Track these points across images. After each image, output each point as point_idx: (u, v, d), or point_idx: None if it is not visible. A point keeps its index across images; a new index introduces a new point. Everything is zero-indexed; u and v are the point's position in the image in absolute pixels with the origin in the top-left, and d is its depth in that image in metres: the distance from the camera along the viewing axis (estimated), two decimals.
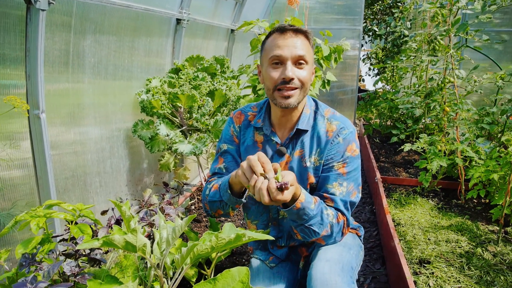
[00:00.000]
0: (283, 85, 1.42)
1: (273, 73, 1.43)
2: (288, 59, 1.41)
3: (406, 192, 3.39)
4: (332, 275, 1.34)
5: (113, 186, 2.47)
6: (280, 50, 1.41)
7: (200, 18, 3.40)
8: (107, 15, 2.18)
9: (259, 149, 1.61)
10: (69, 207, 1.49)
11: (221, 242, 1.16)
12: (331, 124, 1.54)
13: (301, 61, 1.43)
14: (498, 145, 3.11)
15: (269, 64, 1.45)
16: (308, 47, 1.46)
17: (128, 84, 2.57)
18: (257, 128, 1.62)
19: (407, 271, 2.05)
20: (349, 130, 1.53)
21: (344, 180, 1.51)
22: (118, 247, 1.01)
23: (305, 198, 1.36)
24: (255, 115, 1.66)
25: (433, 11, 3.41)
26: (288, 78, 1.40)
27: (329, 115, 1.58)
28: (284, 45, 1.41)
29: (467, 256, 2.27)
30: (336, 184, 1.50)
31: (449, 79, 3.26)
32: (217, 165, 1.68)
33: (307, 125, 1.55)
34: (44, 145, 1.76)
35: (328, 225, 1.44)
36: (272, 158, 1.58)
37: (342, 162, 1.51)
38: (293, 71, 1.41)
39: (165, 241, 1.11)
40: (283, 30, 1.44)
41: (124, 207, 1.11)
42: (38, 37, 1.62)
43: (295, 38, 1.43)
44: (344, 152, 1.51)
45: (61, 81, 1.94)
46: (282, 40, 1.42)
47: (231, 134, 1.69)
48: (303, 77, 1.43)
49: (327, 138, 1.52)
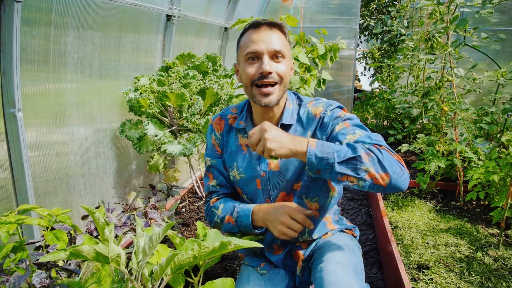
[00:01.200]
0: (261, 80, 1.36)
1: (249, 69, 1.37)
2: (264, 53, 1.35)
3: (403, 194, 3.31)
4: (347, 278, 1.25)
5: (99, 189, 2.36)
6: (255, 45, 1.36)
7: (192, 15, 3.30)
8: (90, 10, 2.08)
9: (243, 152, 1.54)
10: (44, 212, 1.39)
11: (205, 251, 1.07)
12: (317, 107, 1.48)
13: (278, 55, 1.37)
14: (497, 146, 3.03)
15: (245, 60, 1.39)
16: (284, 41, 1.41)
17: (115, 82, 2.46)
18: (240, 130, 1.56)
19: (405, 277, 1.96)
20: (336, 105, 1.47)
21: (354, 129, 1.33)
22: (88, 259, 0.91)
23: (315, 139, 1.24)
24: (235, 117, 1.59)
25: (431, 8, 3.33)
26: (266, 72, 1.34)
27: (313, 103, 1.51)
28: (259, 39, 1.36)
29: (467, 261, 2.18)
30: (350, 136, 1.31)
31: (447, 77, 3.17)
32: (209, 182, 1.64)
33: (291, 119, 1.48)
34: (21, 145, 1.66)
35: (363, 149, 1.20)
36: (260, 158, 1.51)
37: (342, 122, 1.39)
38: (271, 65, 1.35)
39: (141, 251, 1.01)
40: (257, 25, 1.38)
41: (97, 213, 1.01)
42: (13, 30, 1.52)
43: (270, 32, 1.38)
44: (339, 117, 1.41)
45: (40, 78, 1.84)
46: (257, 35, 1.37)
47: (212, 144, 1.63)
48: (282, 71, 1.37)
49: (315, 117, 1.46)
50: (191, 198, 3.15)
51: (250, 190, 1.56)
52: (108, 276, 1.19)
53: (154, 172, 2.68)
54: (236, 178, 1.57)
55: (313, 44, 3.66)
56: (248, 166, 1.53)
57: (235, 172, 1.56)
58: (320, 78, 3.76)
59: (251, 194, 1.57)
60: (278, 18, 3.38)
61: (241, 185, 1.58)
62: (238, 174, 1.55)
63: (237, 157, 1.55)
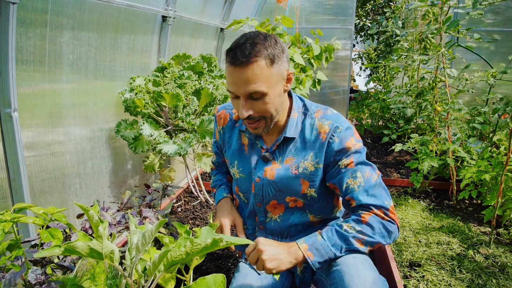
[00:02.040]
0: (246, 119, 1.34)
1: (235, 106, 1.36)
2: (241, 95, 1.29)
3: (397, 193, 3.34)
4: (367, 271, 1.25)
5: (95, 188, 2.38)
6: (233, 85, 1.29)
7: (188, 15, 3.32)
8: (86, 10, 2.10)
9: (245, 152, 1.54)
10: (39, 210, 1.41)
11: (197, 247, 1.09)
12: (323, 124, 1.42)
13: (254, 95, 1.28)
14: (490, 145, 3.07)
15: (230, 94, 1.34)
16: (264, 71, 1.26)
17: (110, 83, 2.48)
18: (243, 130, 1.56)
19: (397, 274, 1.99)
20: (343, 127, 1.40)
21: (356, 172, 1.38)
22: (82, 255, 0.94)
23: (307, 244, 1.31)
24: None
25: (424, 9, 3.36)
26: (243, 117, 1.31)
27: (320, 115, 1.45)
28: (235, 81, 1.27)
29: (458, 258, 2.21)
30: (351, 180, 1.37)
31: (440, 78, 3.21)
32: (214, 159, 1.84)
33: (295, 131, 1.44)
34: (16, 145, 1.67)
35: (356, 234, 1.31)
36: (257, 163, 1.51)
37: (346, 158, 1.39)
38: (248, 107, 1.30)
39: (134, 247, 1.03)
40: (233, 62, 1.25)
41: (91, 211, 1.04)
42: (9, 31, 1.54)
43: (246, 72, 1.24)
44: (345, 149, 1.39)
45: (36, 78, 1.85)
46: (233, 75, 1.27)
47: (215, 132, 1.72)
48: (261, 109, 1.31)
49: (321, 140, 1.41)
50: (187, 197, 3.17)
51: (246, 190, 1.59)
52: (102, 273, 1.21)
53: (150, 172, 2.70)
54: (235, 176, 1.59)
55: (308, 45, 3.69)
56: (248, 168, 1.54)
57: (235, 170, 1.58)
58: (315, 79, 3.78)
59: (247, 194, 1.59)
60: (273, 18, 3.41)
61: (239, 183, 1.60)
62: (238, 173, 1.57)
63: (238, 156, 1.57)
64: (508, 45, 5.17)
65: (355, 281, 1.21)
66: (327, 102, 5.88)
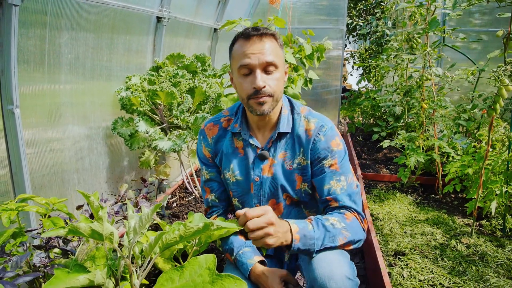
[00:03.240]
0: (255, 95, 1.38)
1: (244, 84, 1.40)
2: (256, 66, 1.37)
3: (386, 188, 3.45)
4: (342, 267, 1.28)
5: (92, 183, 2.47)
6: (247, 58, 1.36)
7: (182, 16, 3.41)
8: (83, 12, 2.18)
9: (240, 155, 1.57)
10: (42, 200, 1.50)
11: (190, 231, 1.18)
12: (309, 122, 1.51)
13: (270, 66, 1.38)
14: (474, 141, 3.18)
15: (239, 73, 1.41)
16: (277, 48, 1.42)
17: (107, 82, 2.57)
18: (235, 133, 1.58)
19: (382, 263, 2.09)
20: (328, 126, 1.50)
21: (340, 175, 1.47)
22: (84, 235, 1.03)
23: (298, 226, 1.32)
24: (228, 119, 1.62)
25: (411, 10, 3.47)
26: (260, 87, 1.36)
27: (306, 113, 1.55)
28: (251, 52, 1.36)
29: (441, 248, 2.32)
30: (334, 182, 1.46)
31: (427, 76, 3.32)
32: (207, 195, 1.68)
33: (287, 126, 1.52)
34: (18, 141, 1.76)
35: (341, 231, 1.37)
36: (254, 163, 1.55)
37: (331, 158, 1.47)
38: (263, 79, 1.37)
39: (132, 230, 1.13)
40: (248, 36, 1.38)
41: (92, 197, 1.13)
42: (12, 32, 1.63)
43: (261, 43, 1.37)
44: (330, 148, 1.48)
45: (36, 78, 1.94)
46: (248, 47, 1.37)
47: (204, 154, 1.65)
48: (274, 84, 1.39)
49: (308, 137, 1.49)
50: (182, 193, 3.26)
51: (243, 193, 1.60)
52: (102, 257, 1.30)
53: (146, 168, 2.79)
54: (230, 180, 1.59)
55: (300, 45, 3.79)
56: (245, 170, 1.56)
57: (230, 174, 1.59)
58: (307, 78, 3.89)
59: (243, 198, 1.62)
60: (266, 19, 3.51)
61: (235, 187, 1.61)
62: (234, 176, 1.58)
63: (233, 159, 1.58)
64: (496, 45, 5.28)
65: (326, 273, 1.25)
66: (320, 101, 5.98)
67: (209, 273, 1.12)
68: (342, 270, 1.26)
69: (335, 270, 1.25)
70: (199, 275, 1.12)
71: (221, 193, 1.67)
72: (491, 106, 1.95)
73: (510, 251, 2.27)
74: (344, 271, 1.26)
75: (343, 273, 1.25)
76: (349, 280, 1.25)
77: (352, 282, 1.26)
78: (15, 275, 1.10)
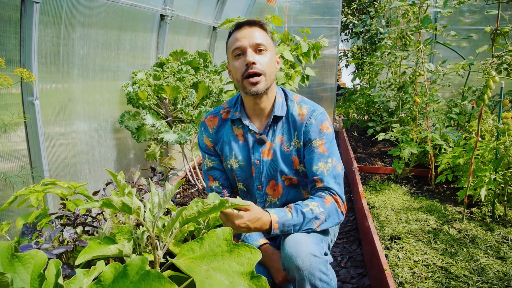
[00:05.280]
0: (247, 71, 1.51)
1: (237, 64, 1.54)
2: (247, 47, 1.51)
3: (381, 180, 3.59)
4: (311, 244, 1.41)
5: (102, 174, 2.57)
6: (239, 42, 1.52)
7: (183, 14, 3.52)
8: (94, 10, 2.29)
9: (240, 141, 1.67)
10: (64, 184, 1.61)
11: (207, 207, 1.30)
12: (302, 107, 1.64)
13: (261, 48, 1.53)
14: (465, 133, 3.33)
15: (232, 58, 1.56)
16: (265, 35, 1.57)
17: (114, 77, 2.68)
18: (234, 121, 1.68)
19: (379, 246, 2.22)
20: (319, 111, 1.63)
21: (327, 158, 1.60)
22: (116, 208, 1.14)
23: (278, 216, 1.44)
24: (227, 111, 1.72)
25: (404, 8, 3.62)
26: (250, 62, 1.49)
27: (298, 100, 1.68)
28: (242, 36, 1.53)
29: (434, 232, 2.45)
30: (322, 164, 1.59)
31: (419, 72, 3.47)
32: (210, 183, 1.77)
33: (282, 111, 1.64)
34: (38, 131, 1.86)
35: (319, 215, 1.50)
36: (253, 147, 1.65)
37: (319, 139, 1.60)
38: (253, 57, 1.51)
39: (157, 205, 1.24)
40: (239, 25, 1.56)
41: (119, 176, 1.24)
42: (32, 27, 1.73)
43: (251, 29, 1.54)
44: (320, 130, 1.60)
45: (52, 73, 2.04)
46: (240, 33, 1.54)
47: (205, 144, 1.75)
48: (265, 62, 1.53)
49: (301, 121, 1.62)
50: (185, 185, 3.37)
51: (246, 177, 1.70)
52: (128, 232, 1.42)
53: (151, 160, 2.89)
54: (234, 166, 1.69)
55: (297, 43, 3.92)
56: (247, 155, 1.66)
57: (233, 160, 1.68)
58: (304, 74, 4.02)
59: (247, 181, 1.71)
60: (263, 18, 3.63)
61: (239, 172, 1.70)
62: (237, 162, 1.68)
63: (235, 146, 1.67)
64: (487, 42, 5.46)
65: (293, 252, 1.38)
66: (316, 99, 6.11)
67: (226, 243, 1.23)
68: (307, 248, 1.39)
69: (300, 248, 1.39)
70: (217, 246, 1.24)
71: (224, 180, 1.76)
72: (480, 97, 2.08)
73: (499, 235, 2.41)
74: (310, 249, 1.39)
75: (308, 250, 1.38)
76: (315, 257, 1.38)
77: (318, 259, 1.38)
78: (50, 246, 1.21)
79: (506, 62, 2.00)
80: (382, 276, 1.98)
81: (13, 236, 1.78)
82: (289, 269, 1.39)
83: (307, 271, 1.35)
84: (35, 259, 0.99)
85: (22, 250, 1.16)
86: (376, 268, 2.15)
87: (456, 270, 2.04)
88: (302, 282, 1.36)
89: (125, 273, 0.96)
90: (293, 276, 1.39)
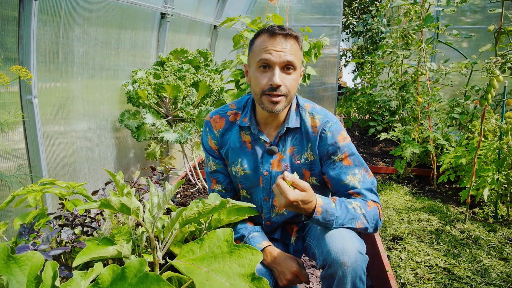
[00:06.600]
0: (270, 91, 1.40)
1: (261, 79, 1.41)
2: (276, 64, 1.38)
3: (382, 179, 3.56)
4: (353, 241, 1.36)
5: (101, 173, 2.55)
6: (269, 54, 1.38)
7: (184, 13, 3.50)
8: (94, 8, 2.27)
9: (248, 149, 1.59)
10: (63, 184, 1.59)
11: (207, 207, 1.28)
12: (314, 118, 1.54)
13: (289, 66, 1.40)
14: (467, 133, 3.31)
15: (257, 67, 1.42)
16: (298, 50, 1.44)
17: (114, 76, 2.66)
18: (243, 127, 1.59)
19: (381, 247, 2.21)
20: (333, 121, 1.54)
21: (354, 169, 1.51)
22: (114, 209, 1.12)
23: (323, 201, 1.37)
24: (235, 113, 1.62)
25: (406, 7, 3.59)
26: (276, 85, 1.38)
27: (310, 109, 1.57)
28: (273, 49, 1.38)
29: (436, 233, 2.43)
30: (351, 177, 1.50)
31: (421, 71, 3.44)
32: (212, 186, 1.70)
33: (296, 122, 1.55)
34: (36, 130, 1.84)
35: (360, 216, 1.42)
36: (263, 157, 1.57)
37: (340, 153, 1.51)
38: (281, 78, 1.39)
39: (156, 205, 1.22)
40: (273, 33, 1.40)
41: (117, 176, 1.22)
42: (31, 25, 1.71)
43: (285, 43, 1.39)
44: (338, 143, 1.51)
45: (50, 71, 2.02)
46: (271, 44, 1.39)
47: (210, 146, 1.66)
48: (290, 84, 1.42)
49: (314, 133, 1.53)
50: (185, 185, 3.35)
51: (251, 186, 1.63)
52: (126, 233, 1.40)
53: (151, 159, 2.87)
54: (239, 173, 1.61)
55: None
56: (254, 164, 1.58)
57: (238, 168, 1.60)
58: (305, 73, 3.99)
59: (251, 190, 1.64)
60: (265, 16, 3.61)
61: (243, 180, 1.62)
62: (242, 170, 1.59)
63: (241, 153, 1.59)
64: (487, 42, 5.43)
65: (339, 247, 1.33)
66: (317, 98, 6.09)
67: (227, 244, 1.21)
68: (354, 245, 1.34)
69: (347, 244, 1.33)
70: (217, 247, 1.21)
71: (227, 184, 1.69)
72: (483, 96, 2.06)
73: (502, 236, 2.39)
74: (356, 246, 1.34)
75: (355, 247, 1.33)
76: (360, 255, 1.34)
77: (362, 257, 1.35)
78: (48, 247, 1.19)
79: (510, 61, 1.98)
80: (385, 277, 1.96)
81: (11, 236, 1.76)
82: (331, 264, 1.33)
83: (351, 268, 1.31)
84: (32, 260, 0.97)
85: (19, 251, 1.14)
86: (378, 269, 2.13)
87: (459, 271, 2.02)
88: (343, 279, 1.32)
89: (123, 276, 0.94)
90: (333, 271, 1.33)
